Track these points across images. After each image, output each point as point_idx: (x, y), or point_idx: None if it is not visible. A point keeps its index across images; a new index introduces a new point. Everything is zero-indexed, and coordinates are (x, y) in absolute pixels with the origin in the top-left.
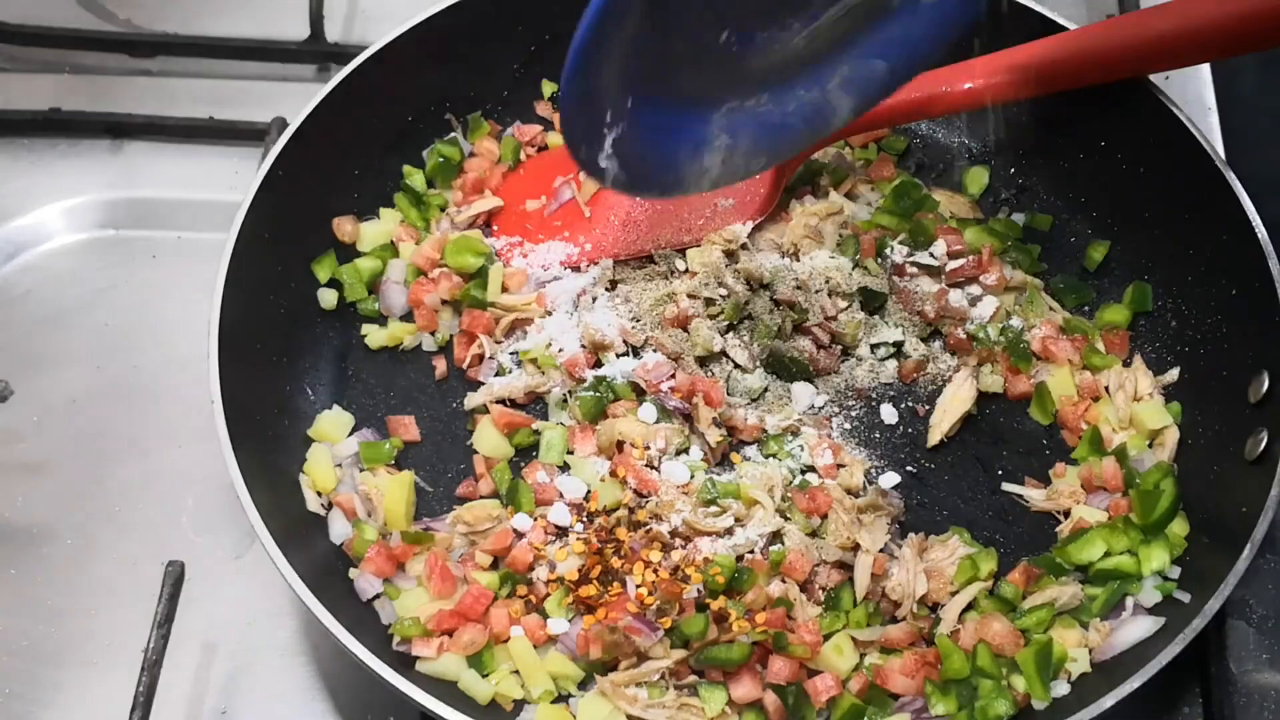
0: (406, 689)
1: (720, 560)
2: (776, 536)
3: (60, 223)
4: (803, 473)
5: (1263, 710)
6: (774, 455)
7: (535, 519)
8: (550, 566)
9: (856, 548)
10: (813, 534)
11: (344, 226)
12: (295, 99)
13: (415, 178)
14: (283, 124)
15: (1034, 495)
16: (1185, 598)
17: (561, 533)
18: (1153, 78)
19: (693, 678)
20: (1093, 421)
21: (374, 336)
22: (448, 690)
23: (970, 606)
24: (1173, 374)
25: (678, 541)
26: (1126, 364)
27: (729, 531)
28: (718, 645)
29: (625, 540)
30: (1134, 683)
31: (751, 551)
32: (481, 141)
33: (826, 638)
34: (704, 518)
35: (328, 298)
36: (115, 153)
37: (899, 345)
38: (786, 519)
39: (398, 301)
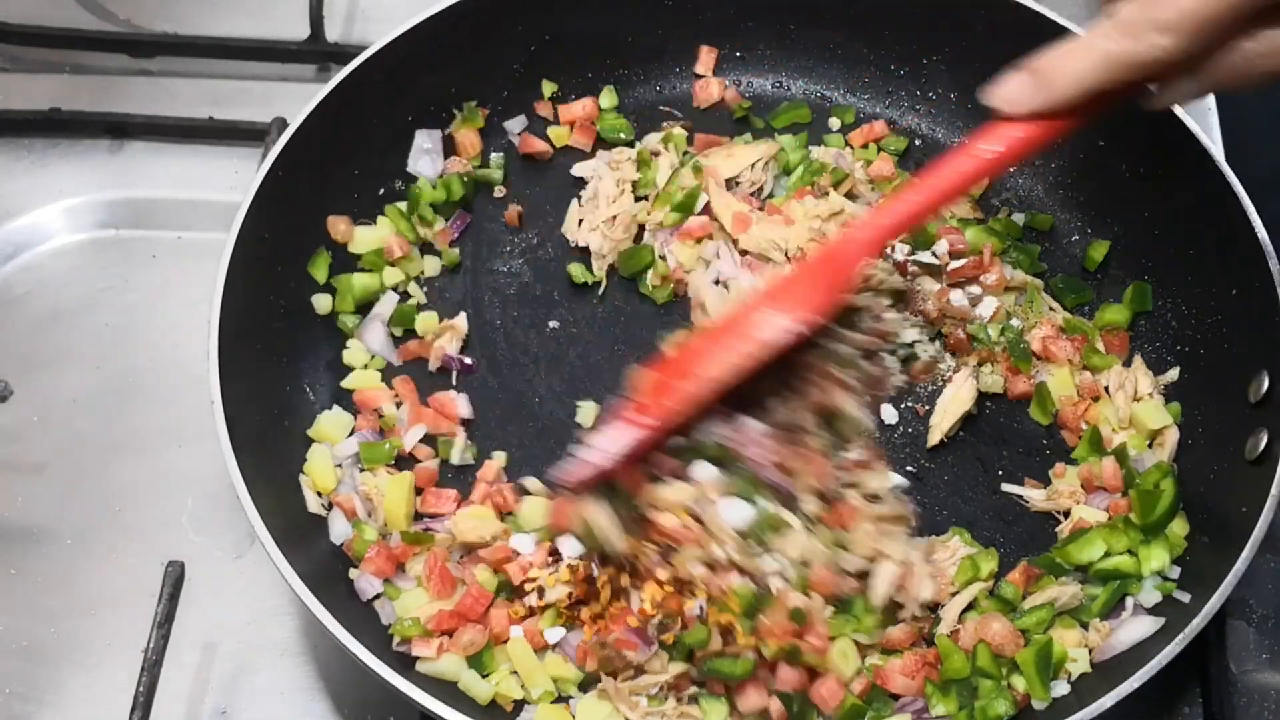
0: (406, 689)
1: (739, 591)
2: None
3: (60, 223)
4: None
5: (1263, 710)
6: None
7: (538, 543)
8: (539, 592)
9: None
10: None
11: (338, 226)
12: (295, 99)
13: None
14: (283, 124)
15: (1034, 495)
16: (1185, 598)
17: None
18: None
19: (694, 689)
20: (1093, 421)
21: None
22: (448, 690)
23: (970, 606)
24: (1172, 374)
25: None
26: (1126, 364)
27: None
28: (722, 658)
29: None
30: (1134, 683)
31: (779, 576)
32: (464, 133)
33: (832, 639)
34: (746, 557)
35: (322, 303)
36: (115, 153)
37: (913, 345)
38: (810, 529)
39: (375, 342)
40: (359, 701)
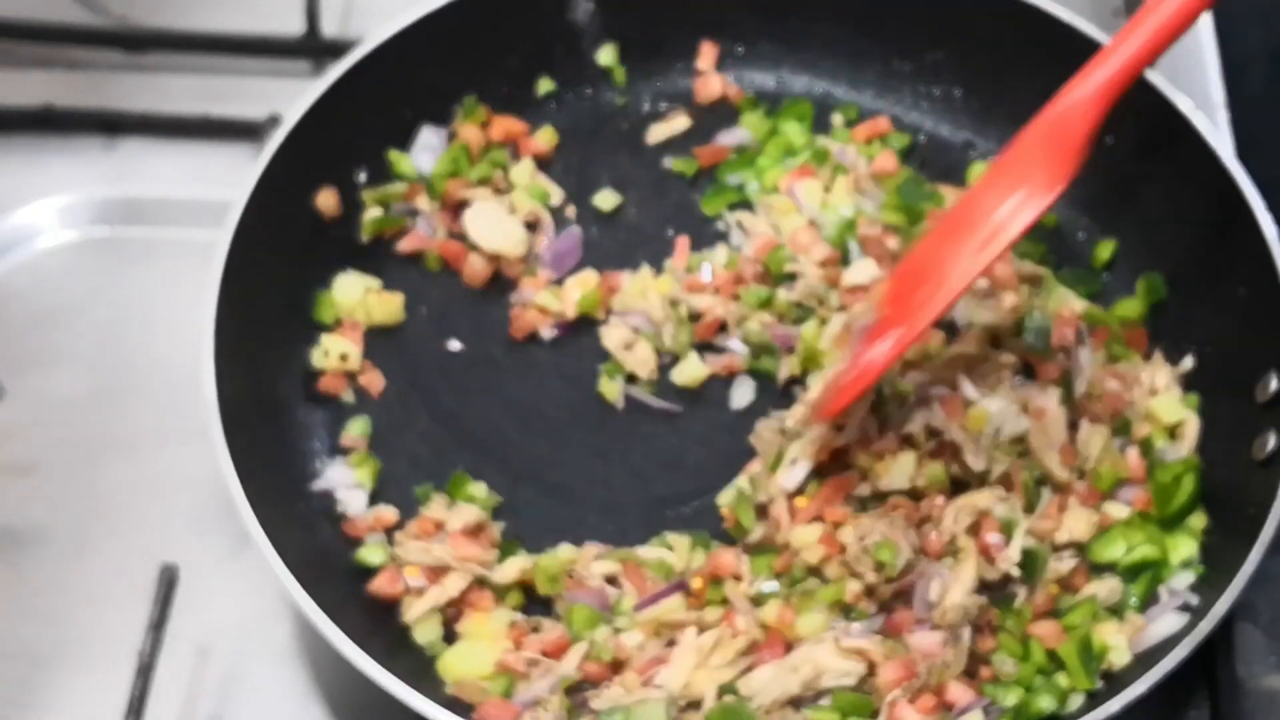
0: (403, 694)
1: None
2: None
3: (53, 221)
4: None
5: (1271, 715)
6: None
7: None
8: None
9: None
10: None
11: (328, 200)
12: (291, 95)
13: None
14: (279, 120)
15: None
16: (1194, 600)
17: None
18: (1159, 73)
19: None
20: (1119, 414)
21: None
22: (449, 697)
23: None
24: (1188, 362)
25: None
26: (1146, 357)
27: None
28: None
29: None
30: (1140, 687)
31: None
32: (466, 127)
33: None
34: None
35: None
36: (109, 150)
37: None
38: None
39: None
40: (356, 705)
